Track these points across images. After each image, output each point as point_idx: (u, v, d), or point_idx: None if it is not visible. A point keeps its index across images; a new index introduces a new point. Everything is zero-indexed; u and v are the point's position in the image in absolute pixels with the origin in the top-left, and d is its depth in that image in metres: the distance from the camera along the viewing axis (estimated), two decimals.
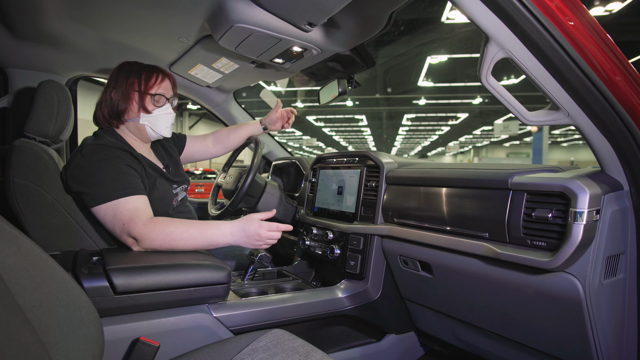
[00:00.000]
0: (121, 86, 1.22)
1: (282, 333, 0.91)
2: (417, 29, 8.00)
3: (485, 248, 0.96)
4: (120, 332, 0.91)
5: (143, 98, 1.23)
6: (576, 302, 0.84)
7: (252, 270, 1.42)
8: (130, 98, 1.22)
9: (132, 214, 1.05)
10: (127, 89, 1.22)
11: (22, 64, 1.58)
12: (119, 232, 1.06)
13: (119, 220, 1.05)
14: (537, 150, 12.83)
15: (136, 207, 1.07)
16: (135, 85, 1.22)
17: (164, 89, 1.26)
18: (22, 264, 0.53)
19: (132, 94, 1.22)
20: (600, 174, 0.91)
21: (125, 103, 1.22)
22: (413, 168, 1.28)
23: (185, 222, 1.09)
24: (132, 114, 1.23)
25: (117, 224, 1.05)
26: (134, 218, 1.04)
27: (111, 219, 1.06)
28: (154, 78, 1.25)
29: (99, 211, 1.08)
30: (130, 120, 1.24)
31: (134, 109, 1.23)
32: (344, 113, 19.40)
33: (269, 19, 1.10)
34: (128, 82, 1.22)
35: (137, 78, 1.23)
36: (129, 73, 1.23)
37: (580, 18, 0.76)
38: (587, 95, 0.80)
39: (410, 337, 1.50)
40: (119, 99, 1.21)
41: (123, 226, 1.04)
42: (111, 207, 1.06)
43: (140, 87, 1.22)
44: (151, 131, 1.26)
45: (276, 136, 2.48)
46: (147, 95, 1.23)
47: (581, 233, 0.79)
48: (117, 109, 1.22)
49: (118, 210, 1.05)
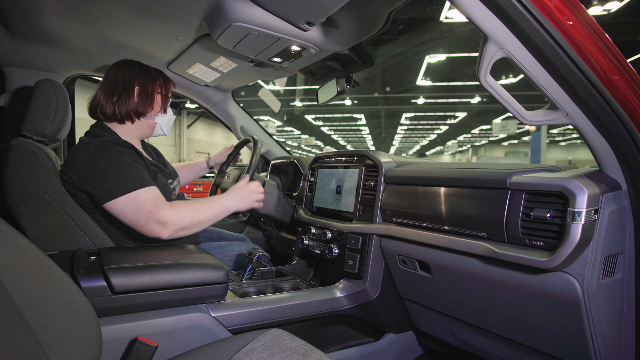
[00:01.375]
0: (145, 87, 1.31)
1: (281, 333, 0.91)
2: (415, 28, 8.00)
3: (484, 248, 0.96)
4: (118, 332, 0.91)
5: (164, 101, 1.37)
6: (574, 301, 0.85)
7: (250, 270, 1.41)
8: (154, 100, 1.33)
9: (156, 201, 1.11)
10: (152, 90, 1.32)
11: (20, 62, 1.58)
12: (144, 221, 1.09)
13: (143, 210, 1.09)
14: (536, 149, 12.85)
15: (156, 195, 1.13)
16: (158, 87, 1.34)
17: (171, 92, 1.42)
18: (19, 264, 0.53)
19: (156, 96, 1.34)
20: (599, 173, 0.91)
21: (152, 104, 1.32)
22: (412, 167, 1.28)
23: (195, 202, 1.20)
24: (152, 113, 1.34)
25: (141, 214, 1.09)
26: (159, 204, 1.10)
27: (133, 209, 1.09)
28: (170, 83, 1.40)
29: (116, 204, 1.10)
30: (148, 119, 1.33)
31: (155, 109, 1.34)
32: (342, 112, 19.39)
33: (267, 17, 1.10)
34: (152, 84, 1.33)
35: (159, 81, 1.35)
36: (148, 75, 1.33)
37: (579, 18, 0.76)
38: (586, 95, 0.80)
39: (408, 336, 1.50)
40: (146, 100, 1.31)
41: (150, 214, 1.08)
42: (131, 198, 1.09)
43: (161, 90, 1.35)
44: (159, 130, 1.39)
45: (274, 135, 2.47)
46: (167, 99, 1.38)
47: (579, 233, 0.79)
48: (142, 108, 1.30)
49: (140, 201, 1.09)
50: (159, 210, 1.08)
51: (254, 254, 1.38)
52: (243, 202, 1.33)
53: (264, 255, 1.38)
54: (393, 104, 17.40)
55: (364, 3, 1.07)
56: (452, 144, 29.36)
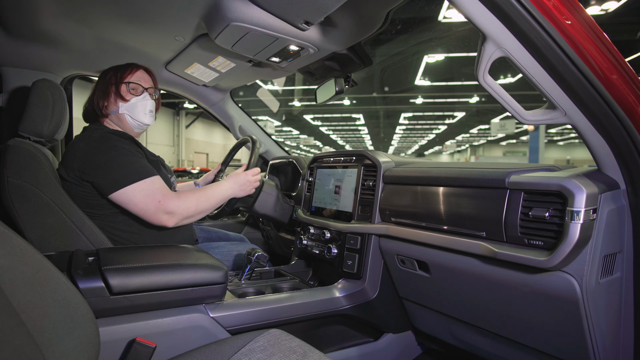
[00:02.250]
0: (101, 84, 1.33)
1: (280, 333, 0.91)
2: (414, 27, 8.00)
3: (483, 247, 0.96)
4: (116, 333, 0.91)
5: (119, 88, 1.31)
6: (573, 300, 0.85)
7: (249, 270, 1.41)
8: (109, 91, 1.31)
9: (164, 191, 1.16)
10: (105, 84, 1.32)
11: (17, 62, 1.57)
12: (154, 209, 1.13)
13: (153, 199, 1.12)
14: (534, 149, 12.88)
15: (163, 185, 1.18)
16: (112, 79, 1.32)
17: (139, 79, 1.35)
18: (16, 265, 0.52)
19: (110, 88, 1.31)
20: (597, 173, 0.91)
21: (105, 97, 1.31)
22: (410, 167, 1.28)
23: (198, 191, 1.26)
24: (111, 106, 1.31)
25: (151, 202, 1.12)
26: (167, 194, 1.15)
27: (142, 198, 1.12)
28: (128, 70, 1.34)
29: (124, 193, 1.12)
30: (112, 113, 1.31)
31: (112, 100, 1.31)
32: (341, 112, 19.40)
33: (265, 17, 1.10)
34: (105, 79, 1.33)
35: (113, 72, 1.33)
36: (107, 72, 1.35)
37: (578, 17, 0.76)
38: (584, 94, 0.80)
39: (407, 336, 1.50)
40: (100, 95, 1.31)
41: (159, 203, 1.12)
42: (139, 187, 1.12)
43: (116, 79, 1.32)
44: (130, 119, 1.33)
45: (273, 135, 2.47)
46: (122, 85, 1.31)
47: (578, 232, 0.79)
48: (98, 104, 1.30)
49: (149, 190, 1.13)
50: (167, 200, 1.13)
51: (252, 254, 1.38)
52: (241, 189, 1.39)
53: (262, 255, 1.38)
54: (392, 103, 17.42)
55: (362, 3, 1.07)
56: (450, 144, 29.39)
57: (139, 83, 1.33)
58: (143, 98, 1.33)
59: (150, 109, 1.36)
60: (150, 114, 1.36)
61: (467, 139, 29.25)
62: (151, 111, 1.36)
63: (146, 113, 1.34)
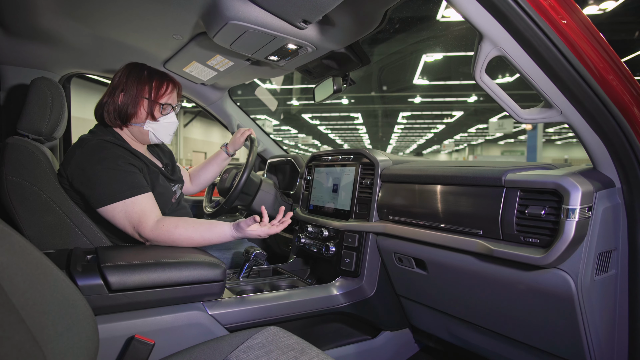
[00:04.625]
0: (131, 90, 1.22)
1: (278, 330, 0.91)
2: (412, 26, 8.00)
3: (479, 245, 0.97)
4: (115, 330, 0.91)
5: (152, 106, 1.24)
6: (568, 297, 0.85)
7: (247, 268, 1.42)
8: (139, 104, 1.23)
9: (140, 216, 1.10)
10: (137, 94, 1.23)
11: (15, 60, 1.57)
12: (131, 231, 1.12)
13: (129, 222, 1.10)
14: (532, 148, 12.92)
15: (143, 208, 1.11)
16: (146, 92, 1.23)
17: (172, 99, 1.29)
18: (15, 263, 0.53)
19: (142, 101, 1.23)
20: (593, 171, 0.92)
21: (135, 108, 1.23)
22: (408, 166, 1.28)
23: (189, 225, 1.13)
24: (139, 120, 1.25)
25: (127, 225, 1.11)
26: (142, 222, 1.10)
27: (122, 219, 1.11)
28: (164, 87, 1.26)
29: (107, 212, 1.11)
30: (136, 125, 1.25)
31: (141, 115, 1.24)
32: (339, 111, 19.39)
33: (263, 16, 1.10)
34: (138, 88, 1.23)
35: (148, 85, 1.24)
36: (139, 78, 1.24)
37: (573, 17, 0.77)
38: (580, 93, 0.81)
39: (404, 333, 1.51)
40: (128, 103, 1.22)
41: (134, 228, 1.11)
42: (119, 207, 1.10)
43: (150, 95, 1.24)
44: (153, 137, 1.28)
45: (271, 134, 2.47)
46: (157, 104, 1.25)
47: (573, 230, 0.80)
48: (125, 113, 1.23)
49: (127, 212, 1.10)
50: (141, 228, 1.10)
51: (250, 252, 1.38)
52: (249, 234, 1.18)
53: (260, 253, 1.39)
54: (390, 102, 17.41)
55: (360, 1, 1.08)
56: (448, 143, 29.43)
57: (170, 104, 1.28)
58: (170, 118, 1.29)
59: (174, 130, 1.33)
60: (172, 135, 1.33)
61: (465, 138, 29.29)
62: (174, 132, 1.33)
63: (170, 134, 1.31)
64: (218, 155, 1.71)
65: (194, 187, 1.71)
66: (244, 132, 1.68)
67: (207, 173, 1.70)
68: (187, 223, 1.13)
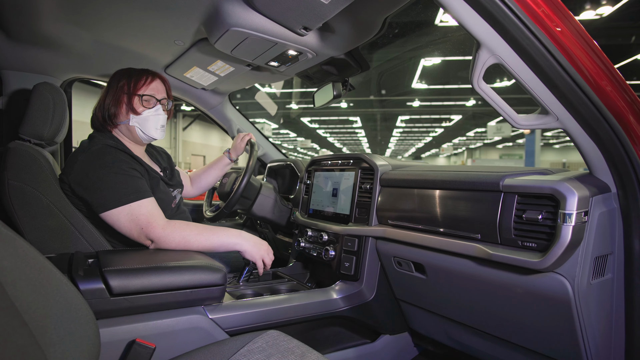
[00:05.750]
0: (112, 90, 1.25)
1: (278, 334, 0.92)
2: (411, 32, 8.05)
3: (477, 249, 0.97)
4: (116, 334, 0.91)
5: (131, 99, 1.25)
6: (565, 301, 0.86)
7: (247, 272, 1.42)
8: (120, 101, 1.24)
9: (149, 218, 1.10)
10: (117, 92, 1.25)
11: (17, 65, 1.58)
12: (137, 235, 1.11)
13: (136, 225, 1.10)
14: (530, 152, 12.96)
15: (150, 210, 1.12)
16: (125, 87, 1.25)
17: (153, 90, 1.28)
18: (18, 267, 0.53)
19: (122, 97, 1.24)
20: (589, 176, 0.93)
21: (116, 106, 1.25)
22: (407, 170, 1.29)
23: (196, 225, 1.17)
24: (122, 117, 1.25)
25: (134, 228, 1.10)
26: (152, 222, 1.10)
27: (127, 223, 1.10)
28: (143, 79, 1.27)
29: (110, 216, 1.10)
30: (122, 123, 1.26)
31: (123, 111, 1.25)
32: (338, 115, 19.43)
33: (264, 23, 1.11)
34: (118, 86, 1.25)
35: (127, 80, 1.25)
36: (119, 77, 1.27)
37: (567, 24, 0.78)
38: (575, 100, 0.82)
39: (404, 337, 1.51)
40: (111, 103, 1.25)
41: (141, 230, 1.10)
42: (124, 211, 1.09)
43: (129, 89, 1.25)
44: (141, 133, 1.27)
45: (270, 137, 2.48)
46: (135, 97, 1.25)
47: (570, 234, 0.81)
48: (108, 113, 1.25)
49: (133, 215, 1.10)
50: (151, 228, 1.10)
51: None
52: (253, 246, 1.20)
53: None
54: (389, 106, 17.46)
55: (360, 9, 1.09)
56: (447, 147, 29.47)
57: (152, 95, 1.27)
58: (156, 112, 1.27)
59: (162, 124, 1.30)
60: (162, 128, 1.31)
61: (464, 142, 29.34)
62: (162, 126, 1.31)
63: (157, 128, 1.29)
64: (220, 161, 1.72)
65: (194, 191, 1.72)
66: (244, 137, 1.68)
67: (208, 177, 1.71)
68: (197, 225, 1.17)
